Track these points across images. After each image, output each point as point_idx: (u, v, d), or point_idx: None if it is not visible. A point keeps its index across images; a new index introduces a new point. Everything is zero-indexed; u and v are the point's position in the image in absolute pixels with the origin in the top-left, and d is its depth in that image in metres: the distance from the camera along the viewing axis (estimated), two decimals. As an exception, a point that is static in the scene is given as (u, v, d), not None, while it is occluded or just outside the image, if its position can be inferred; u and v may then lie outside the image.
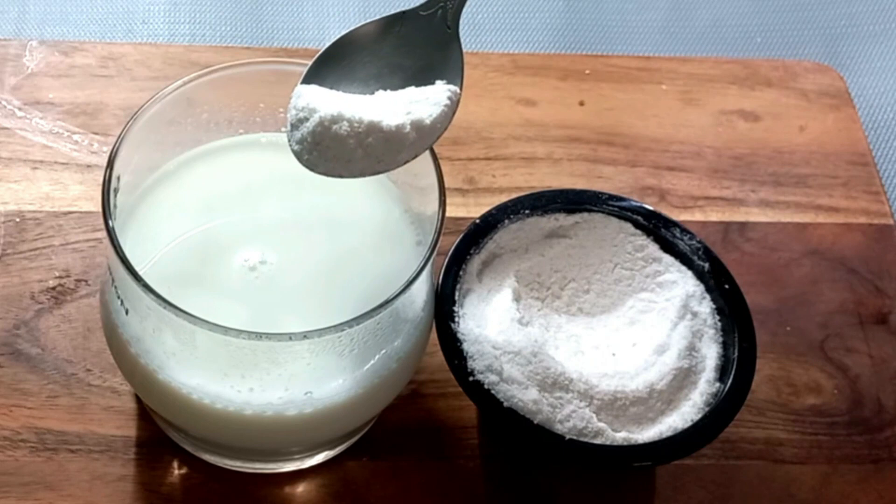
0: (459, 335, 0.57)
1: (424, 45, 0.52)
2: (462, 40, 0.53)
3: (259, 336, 0.48)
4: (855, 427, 0.64)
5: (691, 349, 0.58)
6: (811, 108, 0.75)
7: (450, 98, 0.51)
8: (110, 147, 0.53)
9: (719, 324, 0.60)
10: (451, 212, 0.54)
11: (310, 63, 0.52)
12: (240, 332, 0.48)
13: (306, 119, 0.50)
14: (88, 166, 0.68)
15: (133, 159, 0.54)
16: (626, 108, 0.74)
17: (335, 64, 0.52)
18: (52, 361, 0.61)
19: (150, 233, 0.56)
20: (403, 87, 0.52)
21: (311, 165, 0.51)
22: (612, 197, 0.63)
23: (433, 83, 0.52)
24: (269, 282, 0.55)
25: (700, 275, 0.61)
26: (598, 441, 0.56)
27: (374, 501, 0.59)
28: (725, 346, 0.59)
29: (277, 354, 0.51)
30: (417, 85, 0.52)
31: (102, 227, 0.51)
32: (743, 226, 0.70)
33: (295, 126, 0.51)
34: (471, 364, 0.56)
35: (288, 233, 0.56)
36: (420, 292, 0.54)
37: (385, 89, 0.52)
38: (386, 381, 0.54)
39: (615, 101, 0.74)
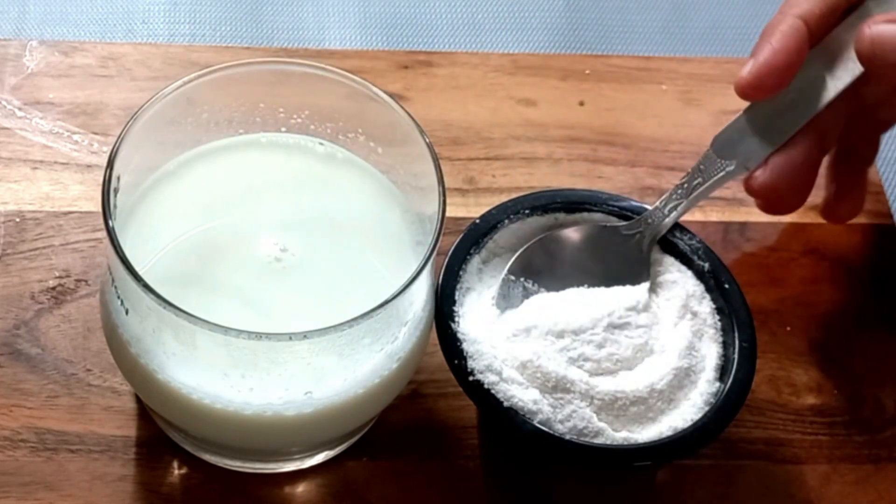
0: (459, 335, 0.57)
1: (617, 258, 0.60)
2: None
3: (259, 336, 0.48)
4: (855, 427, 0.64)
5: (691, 349, 0.58)
6: (811, 108, 0.75)
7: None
8: (110, 147, 0.53)
9: (719, 324, 0.60)
10: (451, 212, 0.54)
11: (517, 254, 0.60)
12: (240, 332, 0.48)
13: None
14: (88, 166, 0.68)
15: (133, 159, 0.54)
16: (626, 108, 0.74)
17: (539, 261, 0.60)
18: (52, 361, 0.61)
19: (150, 233, 0.56)
20: (589, 286, 0.59)
21: None
22: (612, 197, 0.63)
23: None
24: (268, 281, 0.55)
25: (700, 275, 0.61)
26: (598, 441, 0.56)
27: (374, 501, 0.59)
28: (725, 345, 0.59)
29: (277, 354, 0.50)
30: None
31: (102, 227, 0.51)
32: (743, 226, 0.70)
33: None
34: (471, 364, 0.56)
35: (288, 233, 0.56)
36: (420, 292, 0.54)
37: (577, 286, 0.59)
38: (386, 381, 0.54)
39: (615, 101, 0.74)
